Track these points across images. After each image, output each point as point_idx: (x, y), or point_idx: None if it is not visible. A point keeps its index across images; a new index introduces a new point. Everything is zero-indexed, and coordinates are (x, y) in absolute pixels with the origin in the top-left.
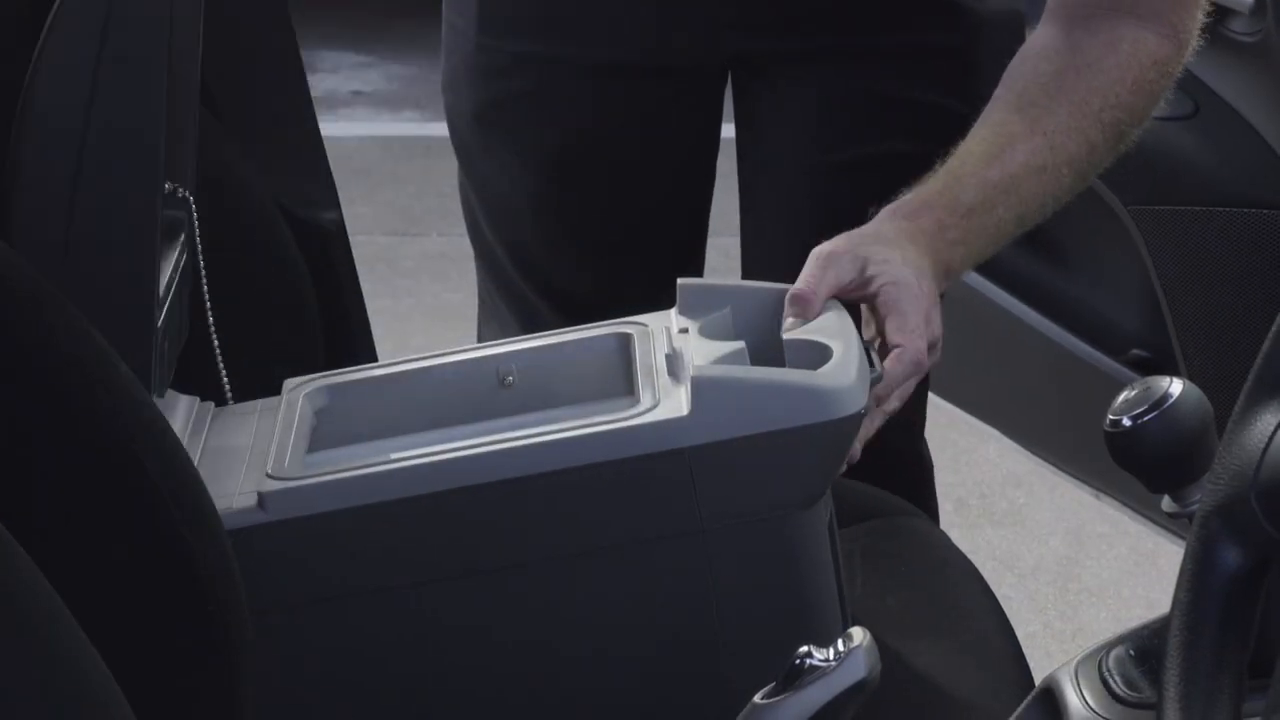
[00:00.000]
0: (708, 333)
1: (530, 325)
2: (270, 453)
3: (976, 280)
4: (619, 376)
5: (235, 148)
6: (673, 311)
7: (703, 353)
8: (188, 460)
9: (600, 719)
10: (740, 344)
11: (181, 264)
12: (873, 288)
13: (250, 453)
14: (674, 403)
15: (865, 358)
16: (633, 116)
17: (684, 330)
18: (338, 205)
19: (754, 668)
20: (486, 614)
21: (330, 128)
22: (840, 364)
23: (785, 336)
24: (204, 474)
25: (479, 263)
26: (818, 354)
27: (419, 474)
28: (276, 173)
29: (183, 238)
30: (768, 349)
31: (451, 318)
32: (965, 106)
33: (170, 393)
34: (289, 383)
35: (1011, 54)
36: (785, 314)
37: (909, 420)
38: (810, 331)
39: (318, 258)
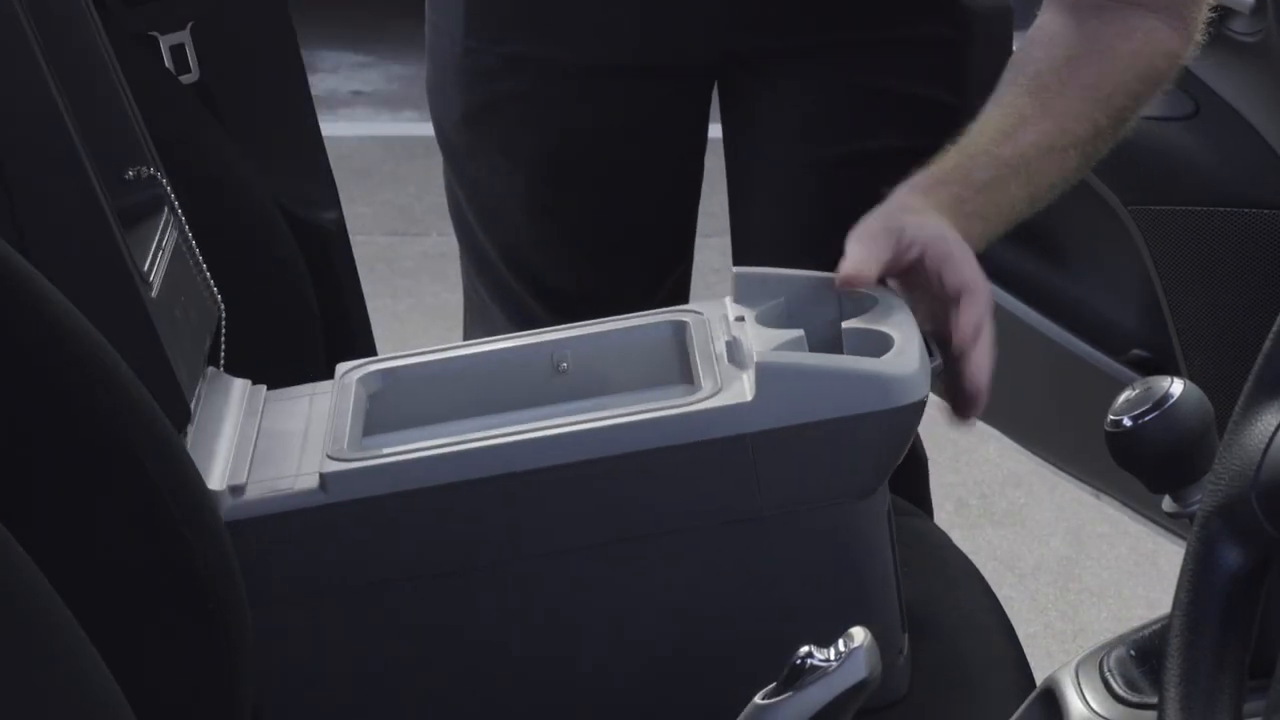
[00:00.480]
0: (765, 321)
1: (522, 325)
2: (327, 436)
3: None
4: (675, 363)
5: (235, 148)
6: (728, 299)
7: (762, 340)
8: (188, 459)
9: (658, 703)
10: (799, 332)
11: (171, 242)
12: (915, 251)
13: (306, 436)
14: (737, 389)
15: (924, 346)
16: (625, 117)
17: (740, 318)
18: (338, 205)
19: None
20: (545, 597)
21: (330, 127)
22: (902, 352)
23: (845, 325)
24: (261, 456)
25: (466, 261)
26: (877, 342)
27: (481, 457)
28: (277, 173)
29: (166, 216)
30: (824, 337)
31: (451, 317)
32: (958, 100)
33: (224, 375)
34: (342, 366)
35: (1002, 49)
36: (839, 287)
37: None
38: (869, 320)
39: (318, 257)
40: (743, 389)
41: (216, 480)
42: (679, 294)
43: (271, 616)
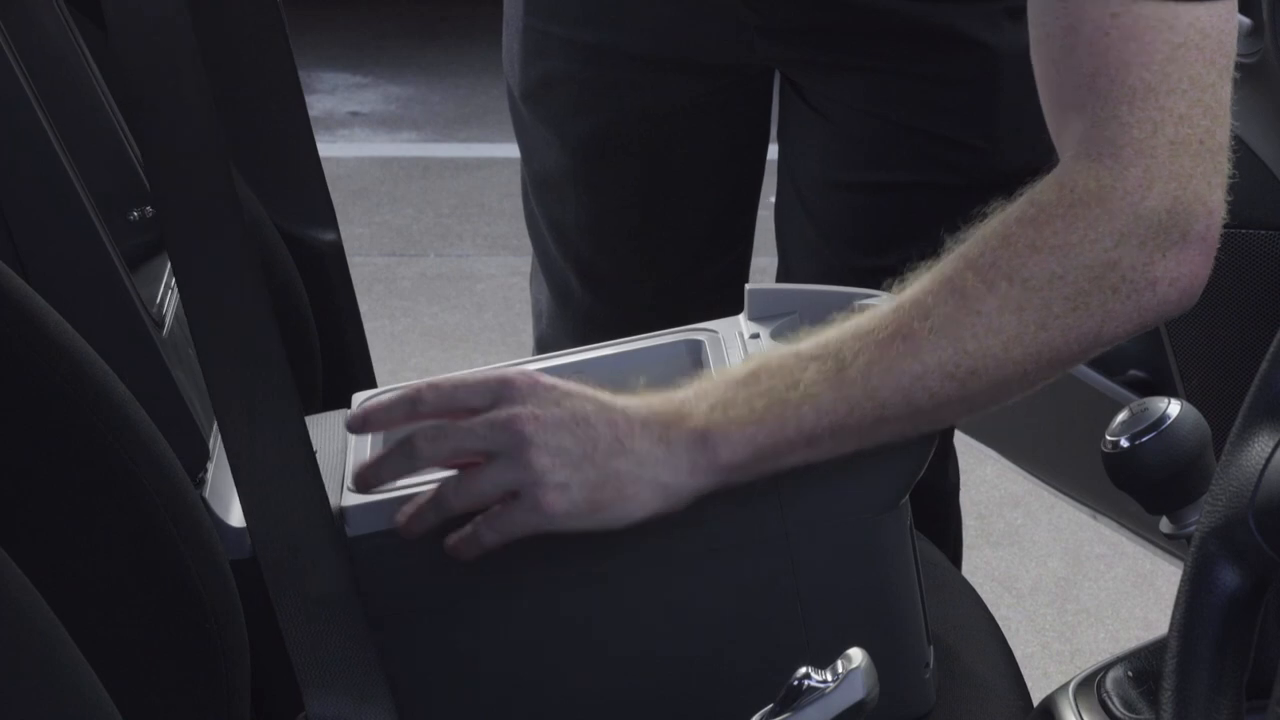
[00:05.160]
0: (780, 337)
1: (562, 301)
2: (346, 468)
3: None
4: None
5: (233, 169)
6: (741, 317)
7: None
8: (186, 480)
9: None
10: None
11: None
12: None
13: (324, 467)
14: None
15: None
16: (670, 108)
17: (755, 335)
18: (335, 226)
19: None
20: (567, 624)
21: (328, 148)
22: None
23: None
24: None
25: (527, 226)
26: None
27: None
28: (274, 193)
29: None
30: None
31: (449, 338)
32: (988, 144)
33: None
34: (358, 396)
35: (1031, 94)
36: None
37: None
38: None
39: (315, 278)
40: None
41: (238, 517)
42: (725, 297)
43: None
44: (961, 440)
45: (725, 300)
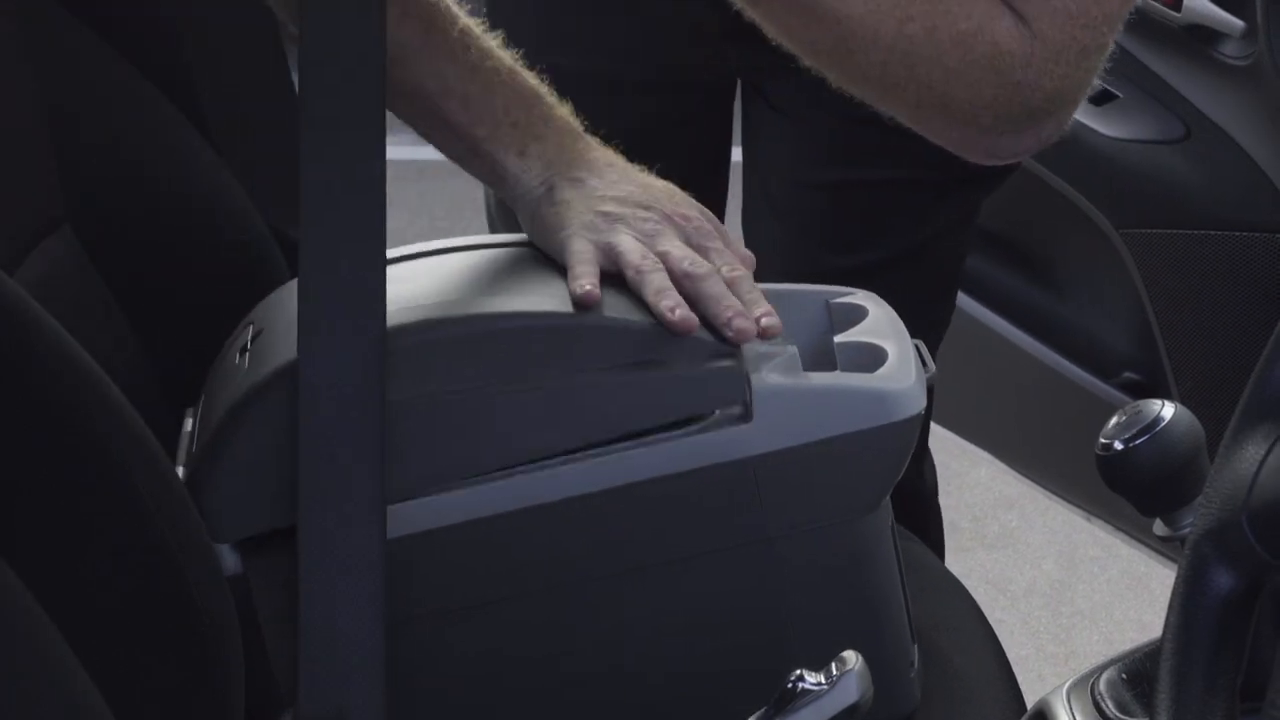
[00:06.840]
0: None
1: None
2: None
3: (968, 303)
4: None
5: (228, 171)
6: None
7: (755, 358)
8: (179, 482)
9: None
10: (792, 348)
11: None
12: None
13: None
14: (734, 413)
15: (919, 356)
16: (633, 126)
17: None
18: None
19: None
20: (553, 631)
21: None
22: (897, 365)
23: (837, 339)
24: None
25: None
26: (871, 356)
27: (485, 495)
28: (269, 194)
29: None
30: (816, 352)
31: None
32: None
33: None
34: None
35: None
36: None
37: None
38: (861, 333)
39: None
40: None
41: None
42: None
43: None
44: (956, 442)
45: None
